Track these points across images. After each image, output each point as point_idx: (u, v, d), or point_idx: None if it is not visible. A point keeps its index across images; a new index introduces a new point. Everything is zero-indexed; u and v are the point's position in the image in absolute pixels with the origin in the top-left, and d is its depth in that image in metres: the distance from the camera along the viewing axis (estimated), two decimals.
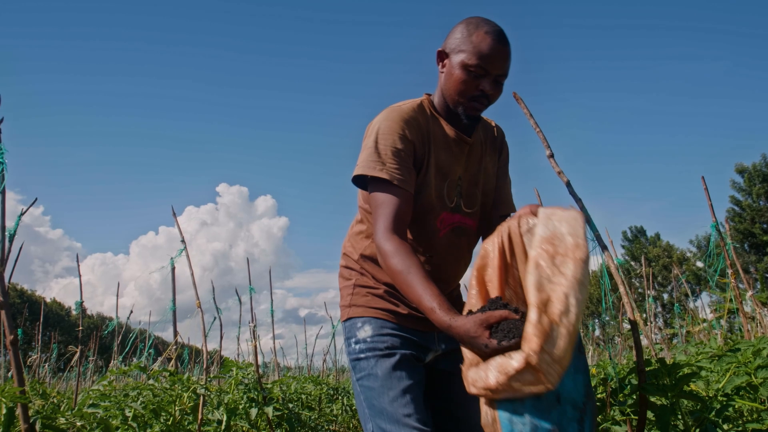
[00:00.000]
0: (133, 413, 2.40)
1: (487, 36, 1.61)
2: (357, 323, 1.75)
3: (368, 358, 1.68)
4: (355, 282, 1.81)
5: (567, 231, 1.30)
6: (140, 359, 8.08)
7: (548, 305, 1.16)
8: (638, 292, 7.61)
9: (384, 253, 1.52)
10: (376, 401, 1.62)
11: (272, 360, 11.12)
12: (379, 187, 1.61)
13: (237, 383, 3.47)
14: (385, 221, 1.56)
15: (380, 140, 1.63)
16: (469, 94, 1.65)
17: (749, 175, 35.93)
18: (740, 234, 36.82)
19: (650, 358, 1.78)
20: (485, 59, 1.60)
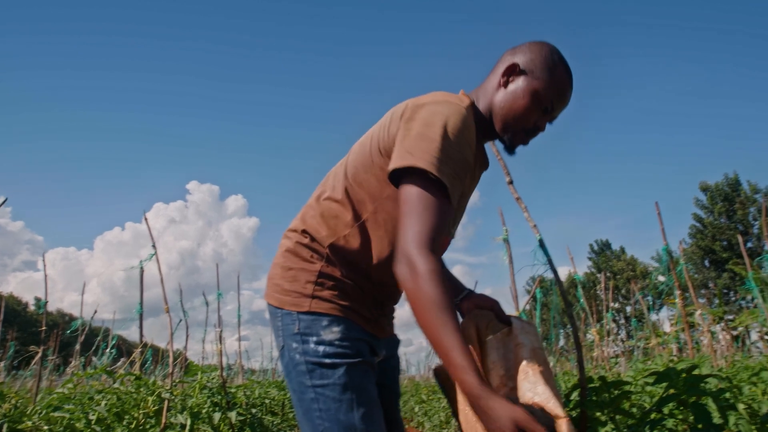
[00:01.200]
0: (97, 416, 2.44)
1: (568, 75, 1.53)
2: (323, 321, 1.48)
3: (335, 365, 1.45)
4: (320, 268, 1.52)
5: (539, 346, 1.47)
6: (101, 359, 8.00)
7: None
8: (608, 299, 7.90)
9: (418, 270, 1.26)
10: (343, 416, 1.42)
11: (237, 362, 11.09)
12: (432, 189, 1.33)
13: (201, 387, 3.52)
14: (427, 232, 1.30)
15: (450, 138, 1.37)
16: (527, 126, 1.53)
17: (711, 193, 37.03)
18: (701, 250, 37.85)
19: (593, 375, 1.90)
20: (560, 97, 1.52)
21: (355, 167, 1.54)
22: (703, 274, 38.16)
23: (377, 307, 1.61)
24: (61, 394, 2.38)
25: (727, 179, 36.76)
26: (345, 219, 1.52)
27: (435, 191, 1.31)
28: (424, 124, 1.37)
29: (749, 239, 33.67)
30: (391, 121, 1.49)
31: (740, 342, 8.94)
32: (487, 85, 1.59)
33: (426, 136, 1.35)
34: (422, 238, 1.27)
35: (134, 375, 2.79)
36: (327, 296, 1.50)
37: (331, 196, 1.56)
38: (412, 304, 1.27)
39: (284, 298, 1.52)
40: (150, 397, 2.73)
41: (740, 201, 35.20)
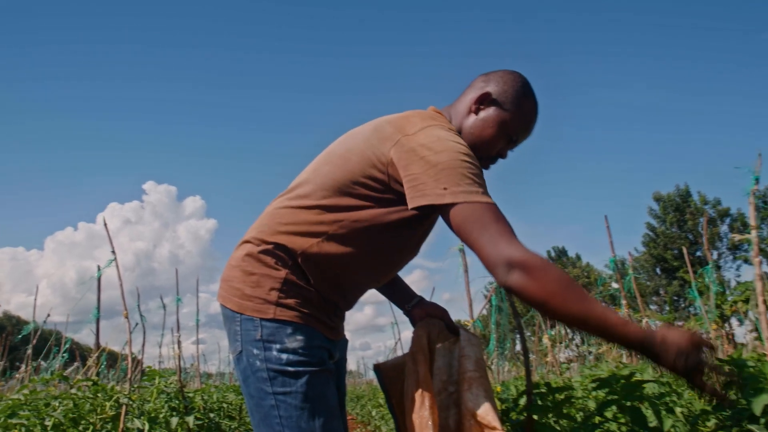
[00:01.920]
0: (53, 422, 2.44)
1: (535, 109, 1.61)
2: (287, 329, 1.48)
3: (298, 373, 1.46)
4: (286, 276, 1.52)
5: (482, 357, 1.60)
6: (53, 362, 7.81)
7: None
8: None
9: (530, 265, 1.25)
10: (305, 423, 1.44)
11: (193, 366, 10.96)
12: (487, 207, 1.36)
13: (159, 392, 3.52)
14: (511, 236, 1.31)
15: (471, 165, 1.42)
16: (491, 154, 1.61)
17: (664, 203, 38.30)
18: (654, 258, 39.10)
19: (542, 380, 2.01)
20: (525, 130, 1.60)
21: (336, 178, 1.53)
22: (655, 281, 39.42)
23: (336, 314, 1.63)
24: (17, 400, 2.38)
25: (678, 190, 38.10)
26: (319, 228, 1.52)
27: (488, 207, 1.34)
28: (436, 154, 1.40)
29: (698, 248, 34.93)
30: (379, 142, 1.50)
31: None
32: (459, 106, 1.65)
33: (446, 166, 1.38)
34: (508, 240, 1.29)
35: (91, 381, 2.79)
36: (291, 304, 1.50)
37: (303, 205, 1.55)
38: (546, 298, 1.25)
39: (245, 303, 1.51)
40: (108, 403, 2.73)
41: (690, 211, 36.51)
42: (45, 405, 2.54)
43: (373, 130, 1.56)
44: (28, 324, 7.26)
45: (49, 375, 3.29)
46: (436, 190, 1.37)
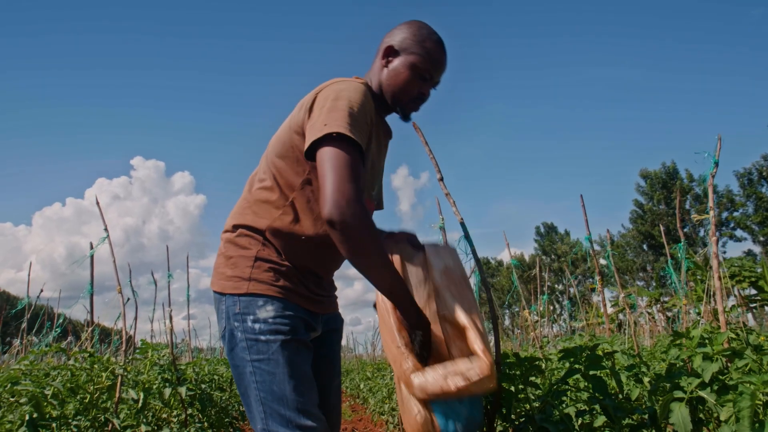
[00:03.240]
0: (53, 391, 2.57)
1: (438, 45, 1.74)
2: (258, 301, 1.62)
3: (269, 341, 1.59)
4: (256, 253, 1.67)
5: (453, 264, 1.66)
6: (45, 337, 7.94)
7: (477, 323, 1.52)
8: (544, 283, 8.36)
9: (355, 222, 1.41)
10: (276, 387, 1.57)
11: (184, 341, 11.12)
12: (347, 148, 1.49)
13: (152, 364, 3.66)
14: (355, 188, 1.44)
15: (355, 107, 1.56)
16: (412, 95, 1.75)
17: (651, 180, 38.60)
18: (641, 235, 39.54)
19: (508, 352, 2.16)
20: (435, 66, 1.73)
21: (276, 153, 1.70)
22: (642, 257, 39.93)
23: (316, 285, 1.77)
24: (18, 370, 2.51)
25: (665, 167, 38.39)
26: (276, 202, 1.68)
27: (347, 148, 1.48)
28: (331, 100, 1.56)
29: (685, 225, 35.33)
30: (300, 108, 1.67)
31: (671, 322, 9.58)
32: (374, 67, 1.82)
33: (334, 108, 1.53)
34: (344, 189, 1.42)
35: (88, 352, 2.92)
36: (264, 278, 1.64)
37: (261, 186, 1.72)
38: (348, 248, 1.44)
39: (226, 284, 1.67)
40: (104, 373, 2.87)
41: (676, 189, 36.90)
42: (45, 375, 2.67)
43: (301, 102, 1.72)
44: (18, 299, 7.35)
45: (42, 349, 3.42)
46: (317, 127, 1.52)
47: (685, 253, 3.98)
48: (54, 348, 2.84)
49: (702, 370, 1.93)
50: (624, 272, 38.46)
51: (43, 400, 2.41)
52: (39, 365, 2.74)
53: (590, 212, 3.66)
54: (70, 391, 2.71)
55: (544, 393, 2.07)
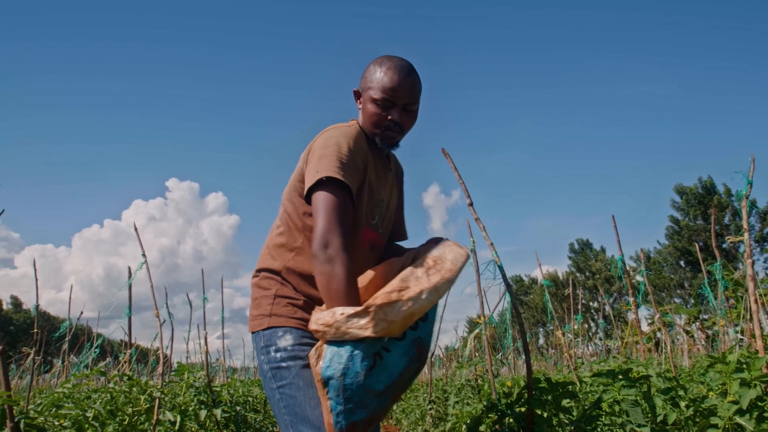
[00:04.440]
0: (93, 414, 2.65)
1: (389, 71, 1.80)
2: (278, 332, 1.78)
3: (290, 367, 1.73)
4: (275, 292, 1.84)
5: (450, 258, 1.65)
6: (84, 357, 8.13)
7: (404, 290, 1.51)
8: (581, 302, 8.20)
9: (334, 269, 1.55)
10: (299, 409, 1.68)
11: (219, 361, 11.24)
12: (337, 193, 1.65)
13: (188, 386, 3.73)
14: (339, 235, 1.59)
15: (343, 150, 1.72)
16: (382, 125, 1.83)
17: (687, 196, 37.78)
18: (678, 251, 38.60)
19: (540, 376, 2.15)
20: (390, 92, 1.79)
21: (287, 199, 1.91)
22: (680, 274, 38.96)
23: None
24: (61, 393, 2.59)
25: (701, 182, 37.56)
26: (289, 245, 1.87)
27: (336, 190, 1.64)
28: (322, 148, 1.74)
29: (723, 242, 34.41)
30: (302, 158, 1.86)
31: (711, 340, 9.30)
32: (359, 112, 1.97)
33: (324, 155, 1.70)
34: (338, 239, 1.58)
35: (127, 375, 3.00)
36: (282, 312, 1.81)
37: (277, 232, 1.93)
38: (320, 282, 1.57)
39: (253, 323, 1.85)
40: (142, 396, 2.94)
41: (714, 205, 35.96)
42: (86, 398, 2.75)
43: (302, 155, 1.90)
44: (57, 319, 7.56)
45: (82, 370, 3.52)
46: (311, 174, 1.69)
47: (722, 271, 3.91)
48: (95, 371, 2.93)
49: (739, 396, 1.90)
50: (661, 289, 37.56)
51: (85, 422, 2.49)
52: (80, 386, 2.83)
53: (624, 228, 3.63)
54: (110, 414, 2.79)
55: (577, 418, 2.05)
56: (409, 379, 1.62)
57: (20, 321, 45.83)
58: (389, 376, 1.53)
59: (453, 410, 4.13)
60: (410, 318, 1.48)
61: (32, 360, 4.02)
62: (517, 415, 2.19)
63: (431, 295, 1.51)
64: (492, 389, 3.08)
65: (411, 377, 1.64)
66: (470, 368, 5.40)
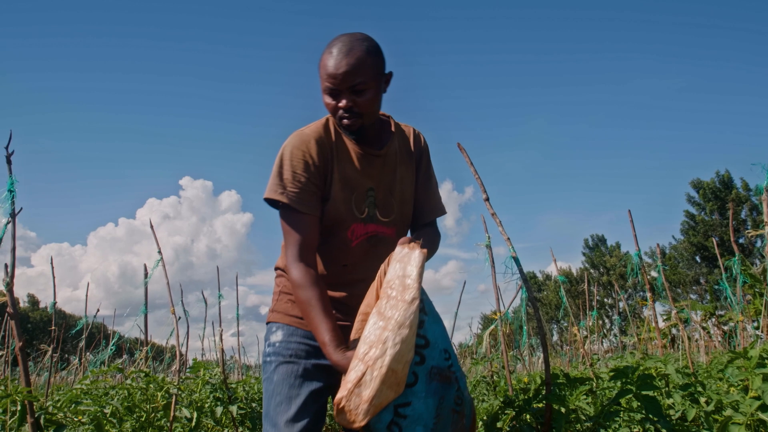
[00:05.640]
0: (111, 410, 2.67)
1: (329, 56, 1.70)
2: (273, 327, 1.85)
3: (271, 362, 1.81)
4: (281, 289, 1.91)
5: (403, 273, 1.48)
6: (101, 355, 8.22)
7: (368, 354, 1.39)
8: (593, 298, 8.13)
9: (292, 282, 1.69)
10: (266, 403, 1.77)
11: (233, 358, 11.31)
12: (285, 212, 1.74)
13: (204, 383, 3.75)
14: (292, 249, 1.70)
15: (284, 165, 1.74)
16: (336, 113, 1.74)
17: (703, 191, 37.34)
18: (693, 247, 38.21)
19: (558, 371, 2.14)
20: (331, 78, 1.69)
21: None
22: (695, 270, 38.57)
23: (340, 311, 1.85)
24: (79, 390, 2.61)
25: (718, 176, 37.11)
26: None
27: (288, 212, 1.74)
28: (274, 164, 1.79)
29: (740, 237, 33.99)
30: None
31: (728, 337, 9.20)
32: None
33: (271, 173, 1.77)
34: (291, 257, 1.70)
35: (144, 372, 3.02)
36: (281, 309, 1.89)
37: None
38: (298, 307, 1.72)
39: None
40: (159, 393, 2.96)
41: (731, 199, 35.52)
42: (104, 394, 2.77)
43: None
44: (73, 317, 7.65)
45: (99, 367, 3.55)
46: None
47: (740, 267, 3.86)
48: (112, 368, 2.96)
49: (762, 392, 1.87)
50: (676, 285, 37.20)
51: (103, 418, 2.51)
52: (97, 383, 2.85)
53: (638, 224, 3.59)
54: (128, 410, 2.81)
55: (595, 414, 2.03)
56: (453, 412, 1.53)
57: (37, 319, 46.45)
58: (425, 427, 1.45)
59: None
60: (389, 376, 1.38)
61: (50, 357, 4.06)
62: (535, 411, 2.18)
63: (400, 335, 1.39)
64: (508, 385, 3.06)
65: (455, 408, 1.54)
66: (485, 364, 5.38)
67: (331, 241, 1.84)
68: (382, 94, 1.81)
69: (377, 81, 1.74)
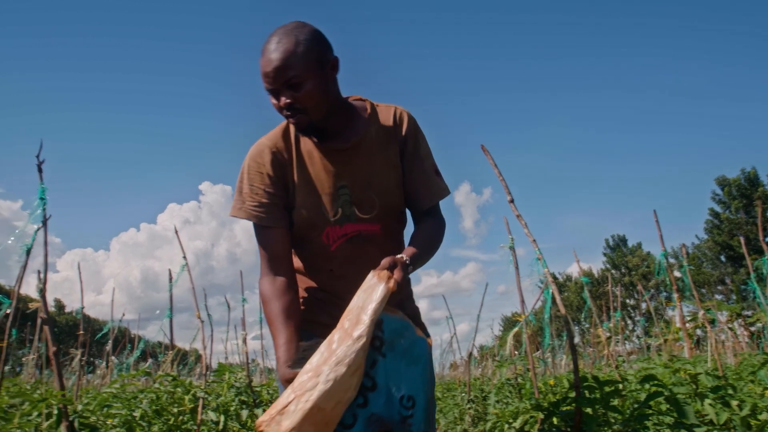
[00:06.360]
0: (140, 413, 2.70)
1: (261, 55, 1.59)
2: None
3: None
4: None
5: (362, 305, 1.38)
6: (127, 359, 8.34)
7: (301, 382, 1.32)
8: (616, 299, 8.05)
9: (261, 297, 1.68)
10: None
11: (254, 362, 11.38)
12: (254, 228, 1.72)
13: (229, 387, 3.78)
14: (262, 263, 1.69)
15: (243, 180, 1.71)
16: (282, 113, 1.63)
17: (729, 188, 36.70)
18: (718, 246, 37.56)
19: (587, 374, 2.11)
20: (265, 78, 1.59)
21: None
22: (720, 270, 37.92)
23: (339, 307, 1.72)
24: (109, 394, 2.65)
25: (744, 174, 36.44)
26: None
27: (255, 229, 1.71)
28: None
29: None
30: None
31: (755, 338, 9.01)
32: None
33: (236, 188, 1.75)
34: (261, 272, 1.70)
35: (171, 376, 3.05)
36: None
37: None
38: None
39: None
40: (186, 396, 2.99)
41: (758, 196, 34.85)
42: (133, 398, 2.81)
43: None
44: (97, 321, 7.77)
45: (124, 371, 3.60)
46: None
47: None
48: (141, 372, 3.00)
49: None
50: (701, 285, 36.57)
51: (133, 421, 2.54)
52: (126, 386, 2.89)
53: (661, 223, 3.54)
54: (156, 413, 2.84)
55: (627, 417, 2.01)
56: None
57: (63, 323, 47.19)
58: None
59: (494, 409, 4.10)
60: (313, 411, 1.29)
61: (79, 361, 4.12)
62: (564, 414, 2.16)
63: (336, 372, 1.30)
64: (534, 388, 3.04)
65: None
66: (509, 366, 5.35)
67: (310, 249, 1.76)
68: (329, 82, 1.64)
69: (314, 71, 1.58)
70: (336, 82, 1.68)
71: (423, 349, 1.49)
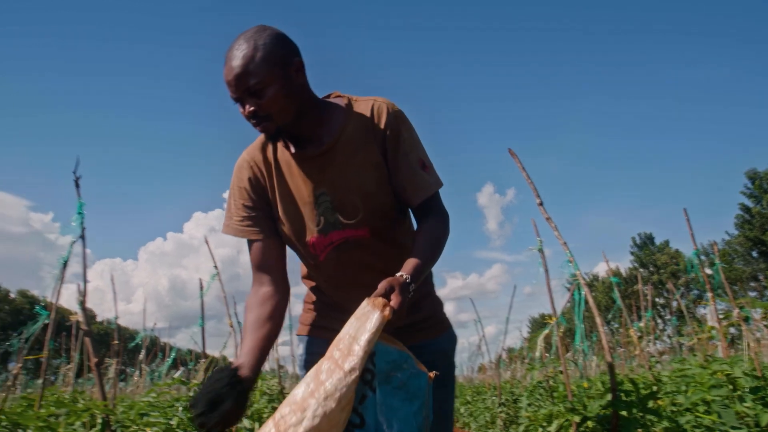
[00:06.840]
0: (177, 422, 2.74)
1: (224, 63, 1.53)
2: (298, 341, 1.84)
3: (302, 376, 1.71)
4: (306, 299, 1.88)
5: (354, 334, 1.29)
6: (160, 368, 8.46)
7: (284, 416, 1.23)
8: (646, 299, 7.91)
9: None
10: None
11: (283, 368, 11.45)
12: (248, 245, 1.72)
13: (261, 394, 3.82)
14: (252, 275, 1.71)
15: (229, 197, 1.73)
16: (248, 121, 1.57)
17: (760, 181, 35.89)
18: (749, 241, 36.76)
19: (623, 377, 2.09)
20: (229, 87, 1.53)
21: None
22: (752, 266, 37.09)
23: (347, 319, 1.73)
24: (146, 402, 2.70)
25: None
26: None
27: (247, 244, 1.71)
28: None
29: None
30: None
31: None
32: None
33: None
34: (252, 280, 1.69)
35: None
36: (302, 320, 1.85)
37: None
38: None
39: None
40: None
41: None
42: (169, 406, 2.86)
43: None
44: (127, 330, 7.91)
45: (156, 379, 3.65)
46: None
47: None
48: (176, 380, 3.05)
49: None
50: (733, 282, 35.77)
51: (170, 429, 2.58)
52: (162, 394, 2.94)
53: (690, 220, 3.49)
54: (191, 422, 2.88)
55: (665, 420, 1.98)
56: None
57: (94, 332, 48.05)
58: None
59: (526, 412, 4.07)
60: None
61: (114, 370, 4.20)
62: (600, 417, 2.14)
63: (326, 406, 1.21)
64: (567, 391, 3.01)
65: None
66: (540, 369, 5.31)
67: (303, 259, 1.77)
68: (295, 84, 1.55)
69: (276, 75, 1.51)
70: (304, 84, 1.60)
71: (422, 384, 1.37)
